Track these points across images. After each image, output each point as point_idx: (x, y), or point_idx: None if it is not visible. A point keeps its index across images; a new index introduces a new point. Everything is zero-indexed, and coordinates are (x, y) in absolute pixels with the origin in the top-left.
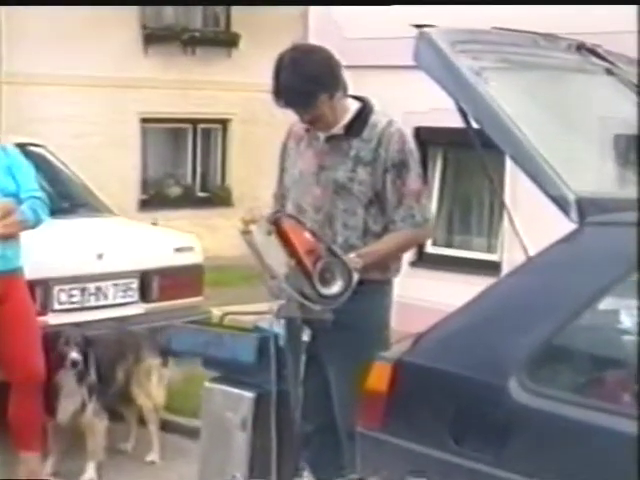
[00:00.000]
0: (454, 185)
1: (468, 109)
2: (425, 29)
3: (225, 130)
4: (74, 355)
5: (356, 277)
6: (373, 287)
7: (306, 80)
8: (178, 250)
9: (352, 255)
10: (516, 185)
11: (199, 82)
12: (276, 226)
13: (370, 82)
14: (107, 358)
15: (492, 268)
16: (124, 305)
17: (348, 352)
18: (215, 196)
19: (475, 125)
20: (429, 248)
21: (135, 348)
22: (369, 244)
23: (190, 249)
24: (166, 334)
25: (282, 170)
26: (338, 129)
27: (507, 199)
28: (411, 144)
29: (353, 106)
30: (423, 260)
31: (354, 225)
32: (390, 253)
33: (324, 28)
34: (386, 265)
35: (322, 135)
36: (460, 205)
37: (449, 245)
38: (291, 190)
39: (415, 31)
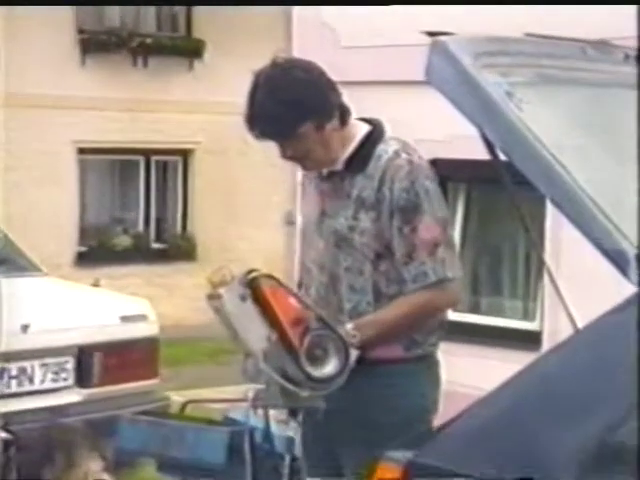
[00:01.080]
0: (480, 232)
1: (495, 138)
2: (440, 37)
3: (186, 163)
4: None
5: (354, 355)
6: (393, 368)
7: (284, 105)
8: (126, 319)
9: (348, 326)
10: (559, 235)
11: (152, 102)
12: (253, 289)
13: (370, 102)
14: (32, 461)
15: (530, 340)
16: (55, 391)
17: (367, 454)
18: (174, 248)
19: (504, 158)
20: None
21: (68, 448)
22: None
23: (142, 318)
24: (110, 429)
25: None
26: (338, 164)
27: (548, 252)
28: (425, 180)
29: (359, 133)
30: None
31: (362, 287)
32: (398, 324)
33: (313, 34)
34: (408, 338)
35: (324, 171)
36: (488, 258)
37: (474, 310)
38: (301, 244)
39: (427, 39)
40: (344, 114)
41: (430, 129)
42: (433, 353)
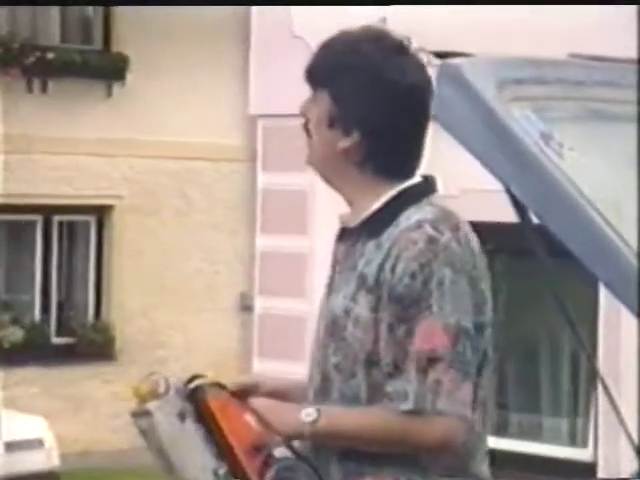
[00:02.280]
0: (506, 323)
1: (526, 196)
2: (451, 60)
3: (102, 225)
4: None
5: None
6: None
7: (332, 51)
8: (13, 447)
9: (307, 410)
10: (617, 331)
11: (55, 140)
12: (195, 404)
13: None
14: None
15: (580, 474)
16: None
17: None
18: (84, 344)
19: (538, 221)
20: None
21: None
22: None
23: (36, 444)
24: None
25: None
26: (361, 217)
27: (601, 356)
28: (445, 267)
29: (394, 189)
30: None
31: (354, 396)
32: (360, 435)
33: (279, 45)
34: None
35: (342, 230)
36: (518, 360)
37: (502, 432)
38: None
39: (434, 61)
40: (393, 162)
41: (440, 181)
42: None
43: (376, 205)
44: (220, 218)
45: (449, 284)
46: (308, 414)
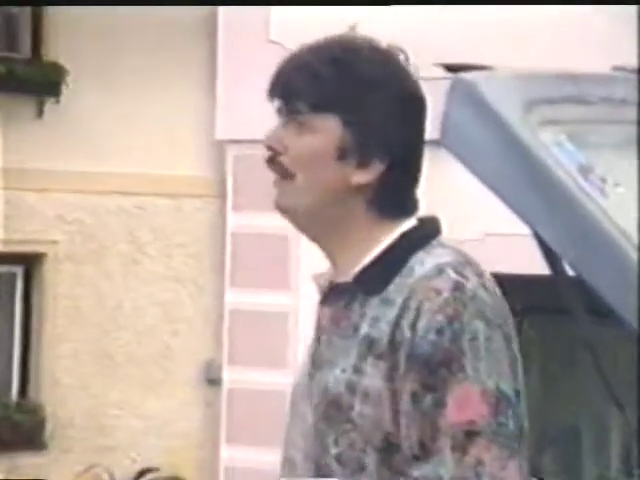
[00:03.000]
0: (539, 399)
1: (560, 242)
2: (465, 75)
3: (30, 277)
4: None
5: None
6: None
7: (333, 64)
8: None
9: None
10: None
11: None
12: None
13: None
14: None
15: None
16: None
17: None
18: (6, 427)
19: (574, 273)
20: None
21: None
22: None
23: None
24: None
25: None
26: (354, 269)
27: None
28: (476, 320)
29: (392, 234)
30: None
31: None
32: None
33: (253, 51)
34: None
35: (326, 288)
36: (554, 449)
37: None
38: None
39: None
40: (395, 203)
41: (452, 222)
42: None
43: (375, 252)
44: (180, 268)
45: (484, 340)
46: None
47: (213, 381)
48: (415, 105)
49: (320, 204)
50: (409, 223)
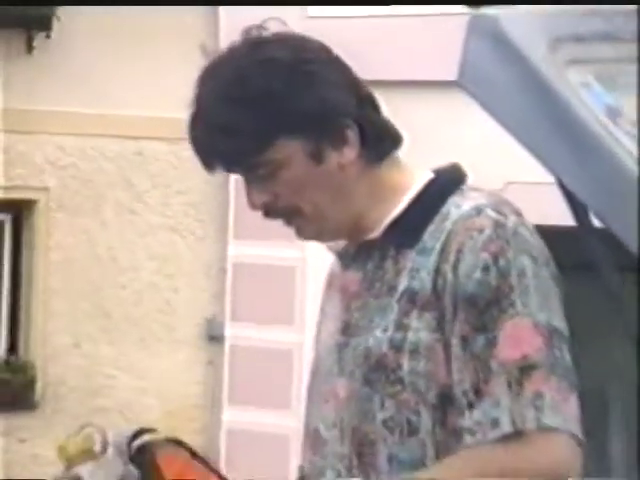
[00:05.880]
0: None
1: (586, 191)
2: (486, 10)
3: (19, 225)
4: None
5: None
6: None
7: (242, 104)
8: None
9: None
10: None
11: None
12: (142, 467)
13: None
14: None
15: None
16: None
17: None
18: None
19: (601, 224)
20: None
21: None
22: None
23: None
24: None
25: None
26: (374, 232)
27: None
28: (522, 256)
29: (417, 183)
30: None
31: (416, 458)
32: None
33: None
34: None
35: (348, 249)
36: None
37: None
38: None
39: (462, 10)
40: (378, 141)
41: (473, 170)
42: None
43: (402, 204)
44: (179, 218)
45: (532, 276)
46: None
47: (215, 338)
48: (322, 65)
49: (336, 209)
50: (427, 175)
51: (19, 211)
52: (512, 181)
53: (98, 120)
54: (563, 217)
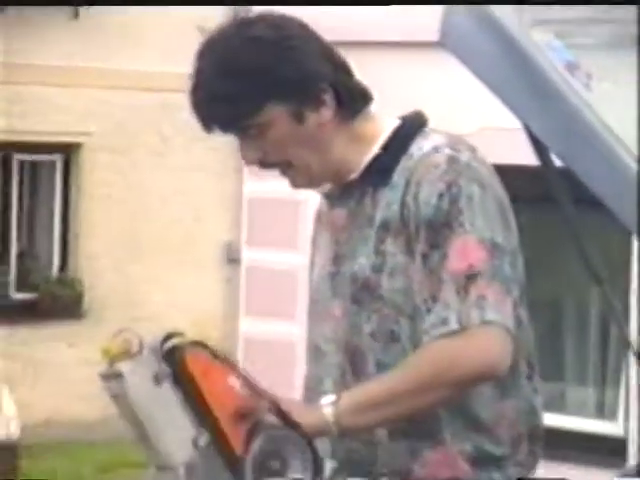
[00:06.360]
0: (528, 279)
1: (548, 134)
2: None
3: (68, 165)
4: None
5: (329, 466)
6: None
7: (232, 75)
8: None
9: (325, 409)
10: None
11: (14, 69)
12: (173, 365)
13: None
14: None
15: (608, 450)
16: None
17: None
18: (47, 300)
19: (561, 163)
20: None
21: None
22: None
23: None
24: None
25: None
26: (352, 175)
27: (633, 316)
28: (471, 184)
29: (386, 130)
30: None
31: (398, 360)
32: (398, 399)
33: None
34: (476, 448)
35: (333, 191)
36: (541, 321)
37: None
38: (308, 315)
39: None
40: (351, 100)
41: (451, 117)
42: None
43: (375, 149)
44: (202, 159)
45: (478, 200)
46: (326, 399)
47: (233, 261)
48: (301, 40)
49: (319, 160)
50: (395, 122)
51: (68, 152)
52: (485, 127)
53: (131, 75)
54: (529, 157)
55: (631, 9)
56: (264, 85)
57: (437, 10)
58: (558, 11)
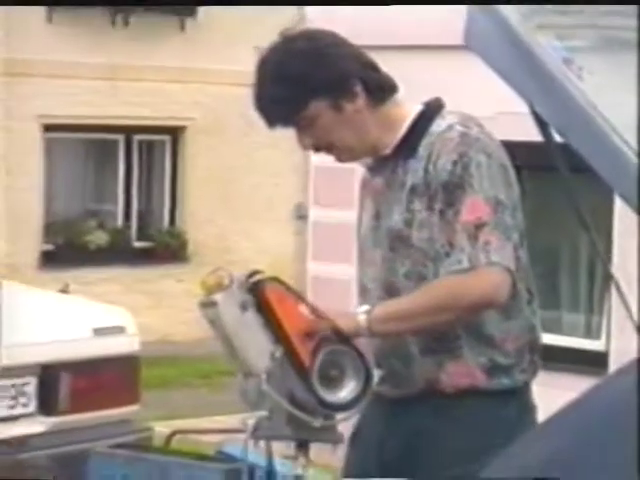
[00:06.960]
0: (532, 231)
1: (549, 115)
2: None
3: (176, 143)
4: None
5: (377, 376)
6: (470, 403)
7: (283, 81)
8: (100, 332)
9: (360, 316)
10: (630, 239)
11: (135, 68)
12: (255, 296)
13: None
14: None
15: (594, 362)
16: (13, 420)
17: None
18: (161, 247)
19: (560, 139)
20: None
21: None
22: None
23: (119, 330)
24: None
25: None
26: (386, 150)
27: (615, 258)
28: (479, 154)
29: (412, 113)
30: None
31: None
32: (418, 315)
33: None
34: (489, 359)
35: (372, 164)
36: (542, 263)
37: None
38: (358, 261)
39: None
40: (379, 90)
41: (472, 104)
42: (526, 385)
43: (403, 129)
44: (278, 138)
45: (485, 167)
46: (362, 308)
47: (302, 217)
48: (334, 47)
49: (358, 140)
50: (419, 107)
51: (176, 134)
52: (501, 111)
53: (226, 73)
54: (535, 134)
55: (619, 17)
56: (308, 87)
57: (453, 17)
58: (557, 18)
